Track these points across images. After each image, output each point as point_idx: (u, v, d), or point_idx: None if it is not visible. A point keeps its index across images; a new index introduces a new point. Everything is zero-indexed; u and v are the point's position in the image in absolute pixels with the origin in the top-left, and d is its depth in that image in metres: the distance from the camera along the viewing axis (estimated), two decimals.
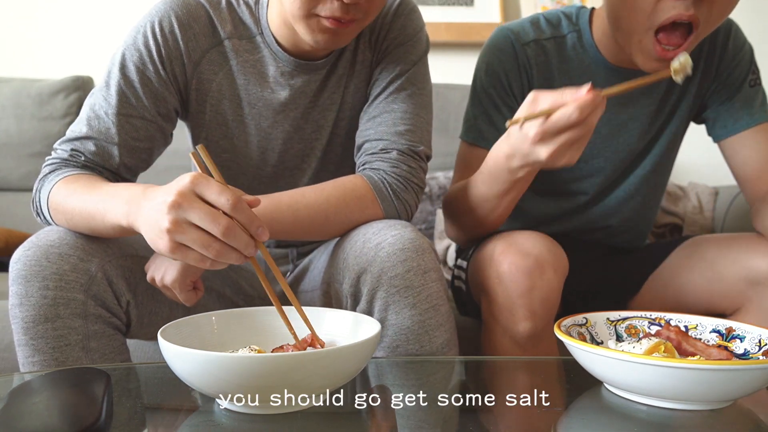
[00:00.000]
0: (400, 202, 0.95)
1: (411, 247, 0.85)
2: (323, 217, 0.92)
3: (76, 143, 0.94)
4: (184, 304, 0.90)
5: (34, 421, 0.56)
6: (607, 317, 0.82)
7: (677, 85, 1.14)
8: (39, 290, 0.82)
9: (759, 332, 0.75)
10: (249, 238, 0.70)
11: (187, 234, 0.69)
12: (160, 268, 0.88)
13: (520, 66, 1.11)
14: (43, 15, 2.05)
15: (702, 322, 0.79)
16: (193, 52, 0.97)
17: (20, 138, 1.82)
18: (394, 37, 1.02)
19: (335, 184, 0.94)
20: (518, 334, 0.93)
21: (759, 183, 1.09)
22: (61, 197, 0.87)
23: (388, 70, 1.01)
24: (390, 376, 0.79)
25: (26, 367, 0.84)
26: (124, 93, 0.94)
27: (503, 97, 1.12)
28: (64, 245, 0.85)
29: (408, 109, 0.99)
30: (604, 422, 0.67)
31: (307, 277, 1.08)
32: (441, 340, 0.86)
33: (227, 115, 1.02)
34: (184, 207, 0.69)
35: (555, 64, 1.12)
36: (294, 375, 0.61)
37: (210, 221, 0.68)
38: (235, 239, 0.69)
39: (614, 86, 0.80)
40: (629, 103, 1.13)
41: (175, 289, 0.87)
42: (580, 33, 1.12)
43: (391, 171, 0.95)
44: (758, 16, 2.06)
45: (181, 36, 0.96)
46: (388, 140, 0.97)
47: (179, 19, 0.96)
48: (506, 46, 1.12)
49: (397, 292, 0.84)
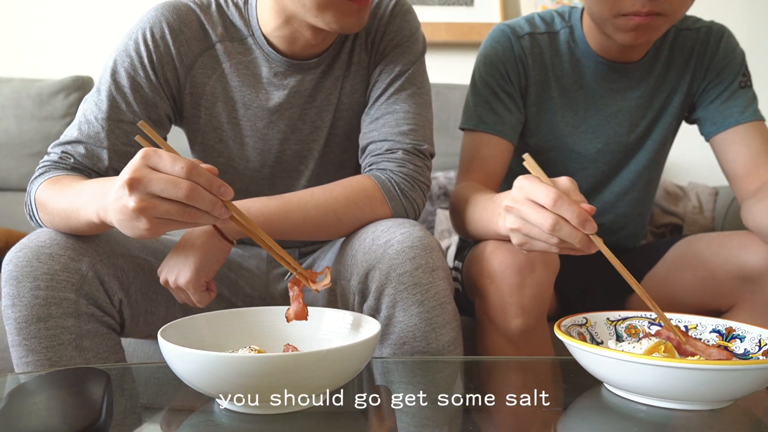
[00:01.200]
0: (407, 201, 0.96)
1: (420, 245, 0.86)
2: (333, 217, 0.92)
3: (67, 146, 0.95)
4: (197, 305, 0.90)
5: (33, 421, 0.56)
6: (607, 317, 0.82)
7: (667, 79, 1.19)
8: (30, 290, 0.82)
9: (759, 332, 0.75)
10: (213, 198, 0.70)
11: (158, 207, 0.69)
12: (174, 270, 0.88)
13: (516, 56, 1.16)
14: (43, 15, 2.04)
15: (702, 322, 0.79)
16: (185, 56, 0.98)
17: (20, 138, 1.82)
18: (391, 39, 1.03)
19: (344, 184, 0.95)
20: (510, 331, 0.94)
21: (748, 180, 1.10)
22: (44, 198, 0.88)
23: (387, 71, 1.02)
24: (392, 376, 0.79)
25: (20, 367, 0.84)
26: (115, 98, 0.95)
27: (501, 84, 1.16)
28: (55, 245, 0.85)
29: (410, 109, 1.00)
30: (604, 422, 0.67)
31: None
32: (447, 338, 0.87)
33: (222, 118, 1.02)
34: (143, 182, 0.68)
35: (548, 56, 1.18)
36: (294, 375, 0.61)
37: (171, 188, 0.68)
38: (199, 200, 0.69)
39: (605, 249, 0.73)
40: (617, 95, 1.18)
41: (188, 290, 0.87)
42: (572, 29, 1.18)
43: (398, 170, 0.96)
44: (754, 23, 2.06)
45: (173, 41, 0.97)
46: (392, 141, 0.98)
47: (170, 25, 0.96)
48: (503, 39, 1.17)
49: (405, 289, 0.85)
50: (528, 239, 0.76)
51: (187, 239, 0.89)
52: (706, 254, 1.08)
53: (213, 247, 0.88)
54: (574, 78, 1.18)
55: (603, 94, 1.18)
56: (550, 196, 0.71)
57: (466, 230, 1.06)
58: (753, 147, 1.11)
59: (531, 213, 0.73)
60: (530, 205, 0.73)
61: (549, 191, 0.71)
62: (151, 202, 0.69)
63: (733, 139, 1.13)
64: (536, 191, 0.73)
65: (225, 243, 0.88)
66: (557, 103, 1.18)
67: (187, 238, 0.89)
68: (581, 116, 1.19)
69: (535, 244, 0.76)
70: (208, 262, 0.87)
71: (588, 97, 1.18)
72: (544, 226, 0.72)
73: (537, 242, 0.76)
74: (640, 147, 1.22)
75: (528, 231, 0.75)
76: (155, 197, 0.69)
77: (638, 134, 1.21)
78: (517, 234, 0.77)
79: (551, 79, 1.18)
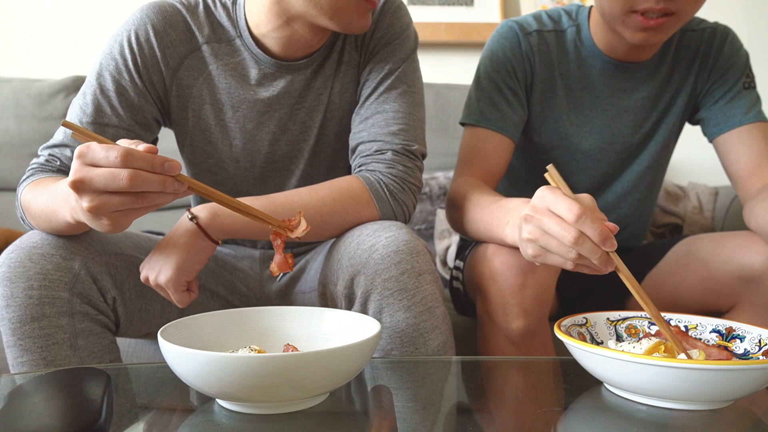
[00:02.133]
0: (396, 203, 0.95)
1: (405, 249, 0.85)
2: (319, 218, 0.91)
3: (54, 149, 0.95)
4: (177, 305, 0.89)
5: (33, 421, 0.56)
6: (607, 317, 0.82)
7: (672, 80, 1.18)
8: (24, 290, 0.82)
9: (759, 332, 0.75)
10: (160, 177, 0.69)
11: (109, 202, 0.69)
12: (155, 267, 0.87)
13: (524, 53, 1.16)
14: (44, 15, 2.04)
15: (702, 322, 0.79)
16: (170, 59, 0.97)
17: (20, 138, 1.82)
18: (381, 36, 1.02)
19: (331, 184, 0.94)
20: (512, 332, 0.94)
21: (751, 181, 1.10)
22: (27, 201, 0.89)
23: (377, 70, 1.01)
24: (389, 377, 0.79)
25: (16, 368, 0.84)
26: (99, 102, 0.95)
27: (506, 80, 1.15)
28: (47, 245, 0.85)
29: (400, 108, 0.99)
30: (604, 422, 0.67)
31: (303, 278, 1.08)
32: (436, 342, 0.86)
33: (210, 119, 1.01)
34: (85, 182, 0.68)
35: (555, 54, 1.18)
36: (294, 375, 0.61)
37: (112, 181, 0.67)
38: (145, 184, 0.68)
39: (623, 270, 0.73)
40: (623, 95, 1.18)
41: (168, 289, 0.87)
42: (579, 28, 1.18)
43: (387, 172, 0.95)
44: (754, 23, 2.06)
45: (157, 44, 0.96)
46: (382, 141, 0.97)
47: (155, 27, 0.96)
48: (510, 35, 1.17)
49: (391, 294, 0.84)
50: (544, 251, 0.75)
51: (171, 237, 0.88)
52: (706, 254, 1.07)
53: (196, 246, 0.87)
54: (579, 77, 1.18)
55: (608, 94, 1.18)
56: (574, 211, 0.70)
57: (464, 228, 1.05)
58: (756, 148, 1.11)
59: (553, 225, 0.72)
60: (552, 217, 0.72)
61: (573, 205, 0.71)
62: (102, 199, 0.69)
63: (736, 139, 1.13)
64: (559, 204, 0.72)
65: (209, 243, 0.88)
66: (562, 102, 1.18)
67: (171, 236, 0.88)
68: (586, 115, 1.19)
69: (550, 258, 0.75)
70: (190, 262, 0.87)
71: (593, 96, 1.18)
72: (565, 240, 0.71)
73: (553, 255, 0.75)
74: (644, 147, 1.22)
75: (546, 243, 0.74)
76: (103, 193, 0.68)
77: (642, 135, 1.21)
78: (533, 244, 0.76)
79: (557, 77, 1.18)
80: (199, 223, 0.87)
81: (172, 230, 0.89)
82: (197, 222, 0.87)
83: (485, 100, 1.15)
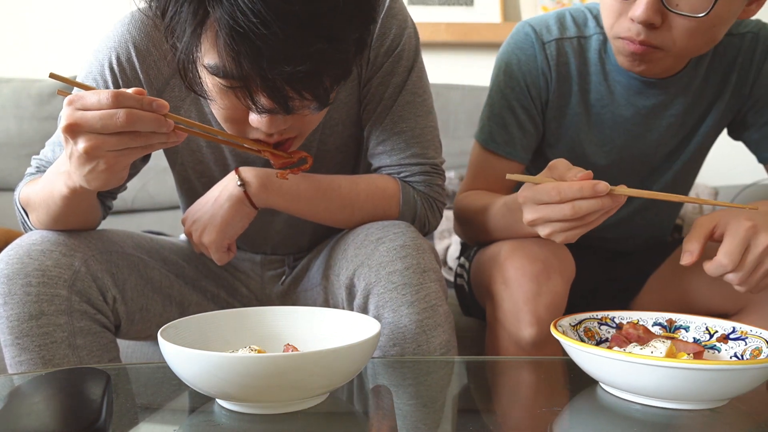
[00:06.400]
0: (419, 220, 0.98)
1: (412, 245, 0.86)
2: (350, 209, 0.94)
3: (44, 162, 0.96)
4: (217, 263, 0.93)
5: (33, 421, 0.56)
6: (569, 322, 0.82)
7: (704, 95, 1.08)
8: (22, 287, 0.82)
9: (703, 321, 0.78)
10: (154, 115, 0.70)
11: (106, 141, 0.69)
12: (199, 226, 0.91)
13: (540, 68, 1.07)
14: (44, 15, 2.04)
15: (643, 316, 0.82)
16: (155, 80, 0.93)
17: (20, 138, 1.82)
18: (380, 45, 0.95)
19: (368, 180, 0.96)
20: (523, 340, 0.92)
21: None
22: (26, 197, 0.90)
23: (384, 84, 0.96)
24: (390, 377, 0.79)
25: (14, 367, 0.83)
26: None
27: (519, 98, 1.08)
28: (46, 242, 0.85)
29: (417, 125, 0.98)
30: (601, 422, 0.67)
31: (307, 276, 1.08)
32: (439, 340, 0.85)
33: (200, 141, 0.98)
34: (80, 124, 0.69)
35: (576, 66, 1.07)
36: (294, 375, 0.61)
37: (109, 120, 0.68)
38: (141, 123, 0.69)
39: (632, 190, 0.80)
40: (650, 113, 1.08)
41: (211, 248, 0.91)
42: (606, 36, 1.05)
43: (424, 190, 0.99)
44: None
45: (140, 65, 0.91)
46: (407, 164, 0.98)
47: (137, 47, 0.90)
48: (526, 46, 1.07)
49: (394, 288, 0.84)
50: (563, 234, 0.81)
51: (217, 197, 0.90)
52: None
53: (241, 212, 0.90)
54: (601, 93, 1.07)
55: (633, 113, 1.07)
56: (551, 193, 0.77)
57: (477, 232, 1.05)
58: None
59: (549, 212, 0.78)
60: (543, 207, 0.79)
61: (548, 188, 0.77)
62: (99, 139, 0.69)
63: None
64: (539, 195, 0.79)
65: (252, 209, 0.91)
66: (581, 120, 1.09)
67: (217, 195, 0.91)
68: (607, 135, 1.09)
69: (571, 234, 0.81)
70: (233, 227, 0.90)
71: (615, 115, 1.08)
72: (567, 217, 0.77)
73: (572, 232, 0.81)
74: (669, 167, 1.13)
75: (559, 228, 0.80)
76: (99, 135, 0.69)
77: (666, 153, 1.12)
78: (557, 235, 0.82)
79: (576, 93, 1.08)
80: (247, 191, 0.89)
81: (219, 188, 0.91)
82: (245, 189, 0.89)
83: (495, 119, 1.09)
